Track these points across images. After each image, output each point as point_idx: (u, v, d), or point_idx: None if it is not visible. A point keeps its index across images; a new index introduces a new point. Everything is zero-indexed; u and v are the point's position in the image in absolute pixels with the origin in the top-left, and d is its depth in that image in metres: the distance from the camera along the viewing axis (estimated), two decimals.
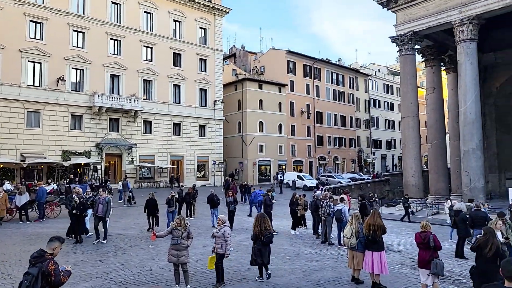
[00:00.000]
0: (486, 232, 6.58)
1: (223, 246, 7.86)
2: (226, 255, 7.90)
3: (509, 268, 3.34)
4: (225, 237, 7.87)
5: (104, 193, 13.06)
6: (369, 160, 54.79)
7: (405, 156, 26.52)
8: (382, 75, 60.51)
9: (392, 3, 26.09)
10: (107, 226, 12.71)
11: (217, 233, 8.00)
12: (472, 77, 22.54)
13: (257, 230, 8.24)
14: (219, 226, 8.09)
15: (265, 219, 8.50)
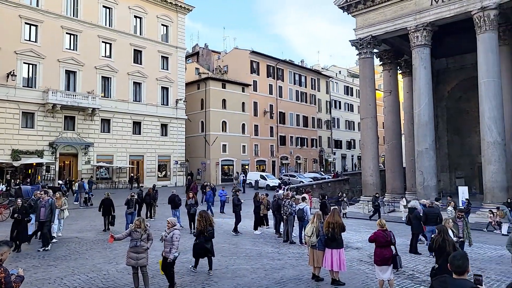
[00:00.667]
0: (440, 230, 6.83)
1: (171, 250, 7.59)
2: (169, 259, 7.57)
3: (456, 263, 3.51)
4: (173, 241, 7.58)
5: (46, 195, 12.03)
6: (330, 159, 56.17)
7: (363, 156, 27.40)
8: (343, 77, 62.23)
9: (352, 8, 26.85)
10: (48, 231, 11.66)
11: (165, 236, 7.72)
12: (425, 81, 23.67)
13: (202, 227, 8.59)
14: (168, 229, 7.80)
15: (209, 216, 9.04)
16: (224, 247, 12.31)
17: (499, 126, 20.64)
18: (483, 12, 20.92)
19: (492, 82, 20.79)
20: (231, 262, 10.31)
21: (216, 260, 10.39)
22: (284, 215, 13.42)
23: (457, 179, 31.43)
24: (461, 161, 32.96)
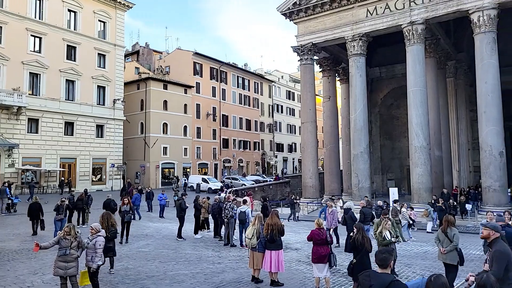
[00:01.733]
0: (358, 228, 7.21)
1: (93, 258, 7.13)
2: (92, 268, 7.12)
3: (380, 257, 3.80)
4: (96, 248, 7.13)
5: None
6: (272, 162, 57.14)
7: (304, 159, 28.19)
8: (285, 82, 63.77)
9: (294, 15, 27.58)
10: None
11: (87, 243, 7.22)
12: (361, 88, 24.99)
13: (104, 227, 8.36)
14: (92, 236, 7.31)
15: (110, 216, 9.00)
16: (163, 252, 11.91)
17: (425, 132, 22.38)
18: (412, 26, 22.59)
19: (419, 91, 22.50)
20: (170, 267, 9.98)
21: (154, 267, 10.01)
22: (225, 218, 13.33)
23: (389, 181, 33.61)
24: (392, 164, 35.31)
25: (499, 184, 19.76)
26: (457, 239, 7.62)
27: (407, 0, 22.85)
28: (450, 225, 7.82)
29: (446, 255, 7.56)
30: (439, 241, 7.81)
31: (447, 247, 7.50)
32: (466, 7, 20.83)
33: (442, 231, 7.79)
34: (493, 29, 20.16)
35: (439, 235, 7.87)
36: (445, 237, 7.65)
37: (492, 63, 20.15)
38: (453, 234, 7.63)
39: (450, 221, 7.91)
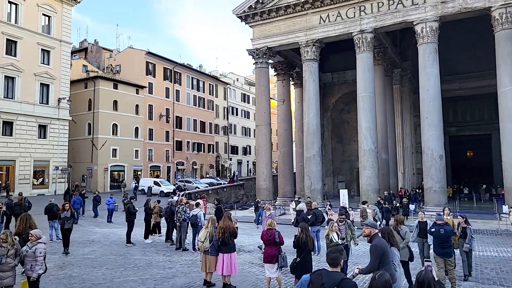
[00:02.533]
0: (302, 228, 7.43)
1: (33, 267, 6.62)
2: (32, 277, 6.61)
3: (331, 256, 3.94)
4: (36, 256, 6.62)
5: None
6: (226, 165, 56.91)
7: (258, 162, 28.32)
8: (240, 85, 63.91)
9: (249, 19, 27.70)
10: None
11: (26, 251, 6.69)
12: (314, 92, 25.61)
13: (20, 229, 8.13)
14: (31, 243, 6.78)
15: (30, 218, 8.54)
16: (110, 259, 11.35)
17: (373, 136, 23.38)
18: (361, 34, 23.56)
19: (368, 97, 23.48)
20: (117, 274, 9.50)
21: (100, 274, 9.50)
22: (177, 222, 12.99)
23: (339, 183, 34.75)
24: (343, 167, 36.56)
25: (439, 186, 21.08)
26: (408, 236, 8.16)
27: (357, 10, 23.79)
28: (400, 223, 8.34)
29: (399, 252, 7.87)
30: None
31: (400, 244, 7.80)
32: (411, 19, 22.09)
33: (393, 229, 8.03)
34: (435, 40, 21.55)
35: None
36: (397, 235, 7.97)
37: (433, 72, 21.51)
38: (405, 232, 8.16)
39: (399, 220, 8.49)
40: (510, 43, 19.67)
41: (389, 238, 5.77)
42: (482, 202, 29.27)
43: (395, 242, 5.88)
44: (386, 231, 5.97)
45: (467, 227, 8.85)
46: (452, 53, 29.56)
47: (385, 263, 5.16)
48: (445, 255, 8.18)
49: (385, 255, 5.18)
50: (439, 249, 8.21)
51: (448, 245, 8.20)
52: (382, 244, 5.32)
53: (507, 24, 19.60)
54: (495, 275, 9.77)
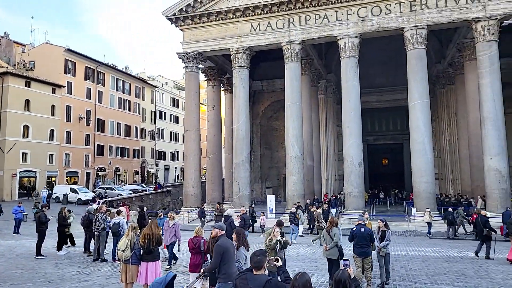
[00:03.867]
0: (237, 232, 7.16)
1: None
2: None
3: (255, 259, 4.02)
4: None
5: None
6: (152, 171, 54.79)
7: (186, 168, 27.67)
8: (169, 89, 62.27)
9: (180, 22, 27.13)
10: None
11: None
12: (244, 99, 25.84)
13: None
14: None
15: None
16: (16, 273, 10.12)
17: (300, 143, 24.23)
18: (290, 45, 24.39)
19: (295, 105, 24.32)
20: None
21: None
22: (96, 231, 12.04)
23: (267, 189, 35.42)
24: (271, 173, 37.37)
25: (358, 191, 22.50)
26: (337, 237, 8.80)
27: (286, 21, 24.62)
28: (333, 225, 8.99)
29: (329, 251, 8.70)
30: (324, 239, 8.92)
31: (330, 244, 8.70)
32: (335, 33, 23.45)
33: (326, 230, 8.96)
34: (356, 55, 23.11)
35: (324, 234, 8.98)
36: (328, 235, 8.81)
37: (354, 85, 23.02)
38: (334, 233, 8.82)
39: (334, 221, 9.17)
40: (420, 61, 21.84)
41: (240, 239, 6.31)
42: (393, 205, 31.92)
43: (245, 242, 6.40)
44: (239, 231, 6.52)
45: (387, 230, 9.45)
46: (371, 68, 32.00)
47: (226, 261, 5.65)
48: (363, 254, 8.65)
49: (226, 254, 5.68)
50: (358, 248, 8.69)
51: (367, 245, 8.68)
52: (224, 244, 5.80)
53: (417, 44, 21.74)
54: (405, 272, 10.60)
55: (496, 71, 20.60)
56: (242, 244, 6.32)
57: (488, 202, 20.65)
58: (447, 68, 30.21)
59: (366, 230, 8.72)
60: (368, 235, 8.67)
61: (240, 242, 6.35)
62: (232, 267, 5.73)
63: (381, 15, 22.52)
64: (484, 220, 13.18)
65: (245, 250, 6.32)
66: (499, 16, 20.43)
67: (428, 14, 21.64)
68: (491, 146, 20.39)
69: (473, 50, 22.98)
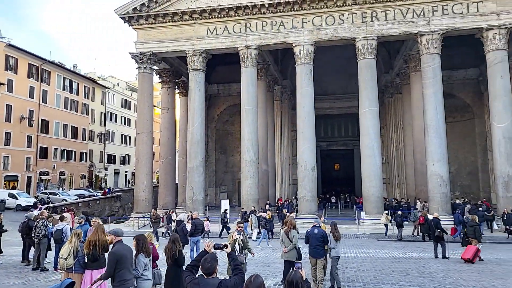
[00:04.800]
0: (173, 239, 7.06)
1: None
2: None
3: (206, 266, 3.99)
4: None
5: None
6: (101, 175, 52.33)
7: (137, 172, 26.72)
8: (121, 90, 60.03)
9: (133, 21, 26.28)
10: None
11: None
12: (199, 102, 25.50)
13: None
14: None
15: None
16: None
17: (255, 147, 24.29)
18: (247, 50, 24.47)
19: (251, 110, 24.39)
20: None
21: None
22: (36, 238, 11.17)
23: (221, 193, 35.11)
24: (225, 177, 37.13)
25: (311, 195, 22.95)
26: (296, 239, 8.99)
27: (243, 26, 24.68)
28: (292, 228, 9.14)
29: (288, 254, 8.81)
30: (282, 242, 9.04)
31: (288, 246, 8.85)
32: (291, 40, 23.89)
33: (285, 233, 9.07)
34: (310, 62, 23.67)
35: (283, 237, 9.08)
36: (286, 238, 8.94)
37: (308, 91, 23.55)
38: (293, 235, 8.98)
39: (292, 224, 9.30)
40: (370, 71, 22.82)
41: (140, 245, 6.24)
42: (343, 209, 32.94)
43: (145, 248, 6.34)
44: (139, 237, 6.44)
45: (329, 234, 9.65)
46: (325, 75, 32.93)
47: (121, 268, 5.64)
48: (316, 255, 8.89)
49: (121, 261, 5.68)
50: (312, 249, 8.95)
51: (320, 246, 8.91)
52: (118, 251, 5.79)
53: (368, 54, 22.71)
54: (354, 273, 10.94)
55: (438, 82, 22.05)
56: (141, 251, 6.23)
57: (430, 205, 21.90)
58: (395, 78, 31.87)
59: (319, 232, 8.96)
60: (321, 237, 8.88)
61: (140, 248, 6.25)
62: (127, 274, 5.73)
63: (334, 24, 23.29)
64: (436, 222, 14.00)
65: (145, 257, 6.26)
66: (442, 31, 21.93)
67: (378, 26, 22.72)
68: (434, 152, 21.71)
69: (418, 62, 24.39)
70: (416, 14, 22.31)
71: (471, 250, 12.62)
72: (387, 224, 19.85)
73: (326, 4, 23.07)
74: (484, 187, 31.63)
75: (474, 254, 12.47)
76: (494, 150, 21.67)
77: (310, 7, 23.30)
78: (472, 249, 12.59)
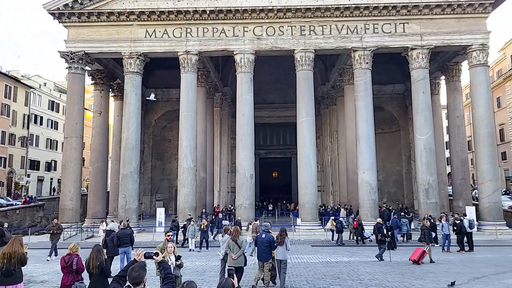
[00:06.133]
0: (96, 250, 6.77)
1: None
2: None
3: (133, 275, 3.77)
4: None
5: None
6: (22, 183, 47.81)
7: (64, 179, 24.81)
8: (48, 91, 55.67)
9: (64, 18, 24.62)
10: None
11: None
12: (135, 107, 24.45)
13: None
14: None
15: None
16: None
17: (193, 154, 23.83)
18: (187, 55, 24.07)
19: (190, 116, 23.94)
20: None
21: None
22: None
23: (157, 201, 33.88)
24: (162, 185, 35.95)
25: (249, 202, 23.04)
26: (244, 245, 9.67)
27: (184, 31, 24.28)
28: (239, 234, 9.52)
29: (237, 260, 9.09)
30: (230, 249, 9.28)
31: (237, 252, 9.16)
32: (232, 48, 23.99)
33: (232, 240, 9.33)
34: (251, 71, 23.93)
35: (231, 244, 9.32)
36: (235, 244, 9.22)
37: (248, 99, 23.74)
38: (241, 241, 9.40)
39: (238, 231, 9.64)
40: (307, 82, 23.66)
41: None
42: (279, 216, 33.48)
43: None
44: None
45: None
46: (265, 84, 33.57)
47: None
48: (263, 258, 9.46)
49: None
50: (260, 253, 9.51)
51: (267, 250, 9.46)
52: None
53: (306, 66, 23.56)
54: (287, 279, 11.08)
55: (369, 96, 23.51)
56: None
57: (360, 211, 23.09)
58: (331, 90, 33.42)
59: (267, 237, 9.54)
60: (268, 242, 9.47)
61: None
62: None
63: (275, 35, 23.84)
64: (378, 227, 14.79)
65: None
66: (373, 48, 23.48)
67: (315, 39, 23.70)
68: (364, 161, 23.00)
69: (351, 75, 25.81)
70: (350, 31, 23.65)
71: (417, 252, 13.57)
72: (333, 230, 20.61)
73: (267, 15, 23.57)
74: (408, 194, 34.23)
75: (420, 255, 13.48)
76: (417, 160, 23.53)
77: (251, 16, 23.64)
78: (419, 251, 13.57)
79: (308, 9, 23.24)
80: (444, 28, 23.37)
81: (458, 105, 27.76)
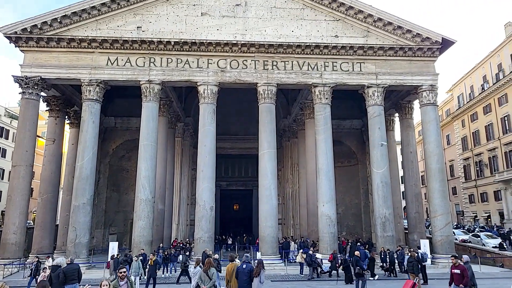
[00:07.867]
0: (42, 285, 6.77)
1: None
2: None
3: None
4: None
5: None
6: None
7: (9, 210, 22.97)
8: None
9: (21, 42, 23.80)
10: None
11: None
12: (92, 135, 23.54)
13: None
14: None
15: None
16: None
17: (152, 185, 23.05)
18: (149, 84, 23.81)
19: (150, 145, 23.34)
20: None
21: None
22: None
23: (110, 235, 32.05)
24: (117, 217, 34.24)
25: (208, 235, 22.35)
26: (215, 276, 9.95)
27: (147, 60, 24.15)
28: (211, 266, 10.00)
29: None
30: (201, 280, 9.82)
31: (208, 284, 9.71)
32: (196, 79, 24.06)
33: (204, 271, 9.92)
34: (214, 102, 23.99)
35: (202, 275, 9.88)
36: (206, 276, 9.74)
37: (211, 130, 23.63)
38: (212, 273, 9.98)
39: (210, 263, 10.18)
40: (269, 115, 24.02)
41: None
42: (239, 250, 32.71)
43: None
44: None
45: None
46: (227, 116, 33.66)
47: None
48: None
49: None
50: (242, 283, 9.99)
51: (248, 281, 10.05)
52: None
53: (268, 99, 24.00)
54: None
55: (329, 130, 24.19)
56: None
57: (320, 245, 23.09)
58: (292, 124, 34.10)
59: (247, 267, 10.13)
60: (248, 272, 10.06)
61: None
62: None
63: (238, 68, 24.27)
64: (356, 260, 14.73)
65: None
66: (332, 84, 24.46)
67: (278, 74, 24.37)
68: (324, 194, 23.29)
69: (312, 110, 26.54)
70: (310, 67, 24.58)
71: (408, 284, 13.44)
72: (303, 263, 20.29)
73: (231, 49, 24.05)
74: (366, 227, 34.81)
75: None
76: (374, 193, 24.16)
77: (216, 49, 24.01)
78: (409, 284, 13.43)
79: (271, 45, 24.02)
80: (397, 69, 24.91)
81: (411, 141, 29.19)
